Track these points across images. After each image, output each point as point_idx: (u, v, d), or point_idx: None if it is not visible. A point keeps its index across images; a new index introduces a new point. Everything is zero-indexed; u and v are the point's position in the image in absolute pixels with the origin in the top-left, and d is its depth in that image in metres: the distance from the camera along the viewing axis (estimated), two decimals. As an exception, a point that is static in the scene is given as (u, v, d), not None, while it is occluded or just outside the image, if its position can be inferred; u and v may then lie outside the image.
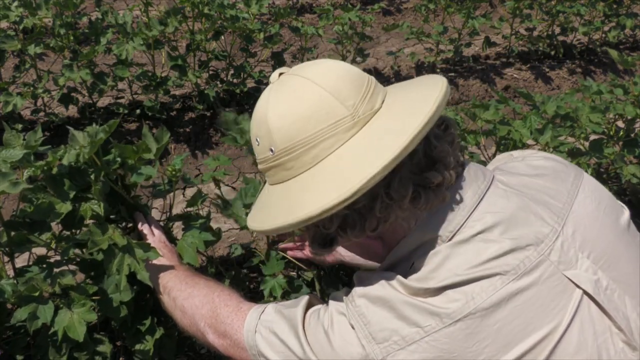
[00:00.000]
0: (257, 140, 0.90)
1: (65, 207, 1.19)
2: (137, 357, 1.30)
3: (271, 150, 0.87)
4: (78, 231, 1.29)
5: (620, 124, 2.07)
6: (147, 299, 1.33)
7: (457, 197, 0.85)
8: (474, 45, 3.86)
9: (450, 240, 0.83)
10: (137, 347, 1.29)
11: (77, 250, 1.29)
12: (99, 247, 1.16)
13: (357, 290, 0.86)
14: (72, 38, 2.71)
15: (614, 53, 2.04)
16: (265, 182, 0.97)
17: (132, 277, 1.20)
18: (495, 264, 0.79)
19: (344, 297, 0.88)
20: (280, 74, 0.91)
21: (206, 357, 1.61)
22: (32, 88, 2.67)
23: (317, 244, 0.90)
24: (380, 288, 0.84)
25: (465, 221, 0.83)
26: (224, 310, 1.04)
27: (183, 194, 2.45)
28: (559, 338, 0.77)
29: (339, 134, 0.82)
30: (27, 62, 2.70)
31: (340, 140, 0.82)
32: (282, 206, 0.85)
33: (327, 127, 0.82)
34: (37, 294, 1.13)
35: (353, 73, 0.87)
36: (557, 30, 3.87)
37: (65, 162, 1.22)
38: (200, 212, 1.51)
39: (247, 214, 1.49)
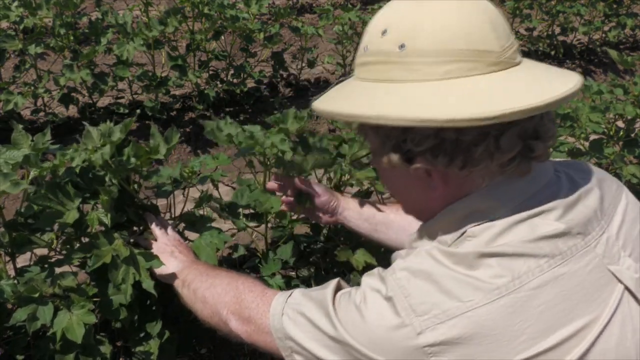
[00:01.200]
0: (387, 29, 0.82)
1: (71, 216, 1.18)
2: (138, 358, 1.30)
3: (402, 47, 0.80)
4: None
5: (620, 124, 2.07)
6: (153, 302, 1.33)
7: (529, 176, 0.85)
8: (474, 45, 3.86)
9: (508, 215, 0.82)
10: (140, 349, 1.29)
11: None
12: (102, 259, 1.16)
13: (399, 263, 0.85)
14: (72, 38, 2.72)
15: (613, 53, 2.04)
16: (340, 81, 0.91)
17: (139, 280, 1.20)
18: (546, 244, 0.79)
19: (380, 274, 0.86)
20: None
21: (206, 357, 1.61)
22: (32, 88, 2.67)
23: (398, 154, 0.84)
24: (422, 261, 0.82)
25: (526, 200, 0.83)
26: (249, 295, 1.03)
27: (182, 194, 2.45)
28: (601, 330, 0.77)
29: (481, 63, 0.79)
30: (27, 62, 2.71)
31: (479, 69, 0.79)
32: (394, 101, 0.80)
33: (474, 51, 0.79)
34: (36, 294, 1.13)
35: (506, 22, 0.86)
36: (557, 30, 3.86)
37: (74, 164, 1.20)
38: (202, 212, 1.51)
39: (244, 216, 1.49)
